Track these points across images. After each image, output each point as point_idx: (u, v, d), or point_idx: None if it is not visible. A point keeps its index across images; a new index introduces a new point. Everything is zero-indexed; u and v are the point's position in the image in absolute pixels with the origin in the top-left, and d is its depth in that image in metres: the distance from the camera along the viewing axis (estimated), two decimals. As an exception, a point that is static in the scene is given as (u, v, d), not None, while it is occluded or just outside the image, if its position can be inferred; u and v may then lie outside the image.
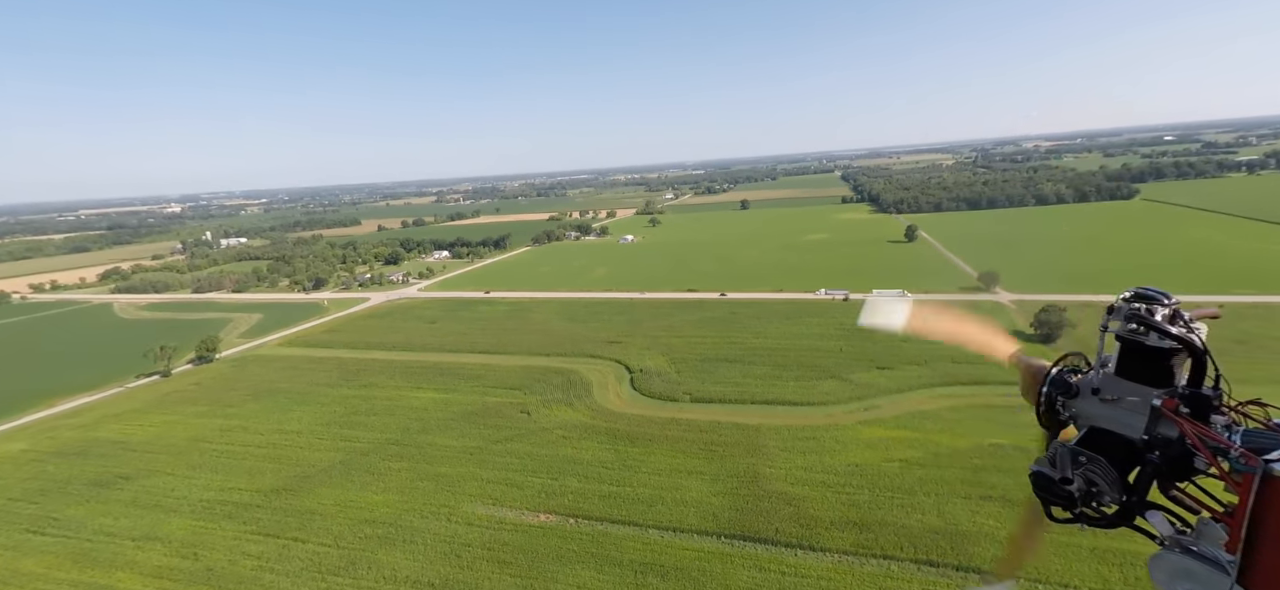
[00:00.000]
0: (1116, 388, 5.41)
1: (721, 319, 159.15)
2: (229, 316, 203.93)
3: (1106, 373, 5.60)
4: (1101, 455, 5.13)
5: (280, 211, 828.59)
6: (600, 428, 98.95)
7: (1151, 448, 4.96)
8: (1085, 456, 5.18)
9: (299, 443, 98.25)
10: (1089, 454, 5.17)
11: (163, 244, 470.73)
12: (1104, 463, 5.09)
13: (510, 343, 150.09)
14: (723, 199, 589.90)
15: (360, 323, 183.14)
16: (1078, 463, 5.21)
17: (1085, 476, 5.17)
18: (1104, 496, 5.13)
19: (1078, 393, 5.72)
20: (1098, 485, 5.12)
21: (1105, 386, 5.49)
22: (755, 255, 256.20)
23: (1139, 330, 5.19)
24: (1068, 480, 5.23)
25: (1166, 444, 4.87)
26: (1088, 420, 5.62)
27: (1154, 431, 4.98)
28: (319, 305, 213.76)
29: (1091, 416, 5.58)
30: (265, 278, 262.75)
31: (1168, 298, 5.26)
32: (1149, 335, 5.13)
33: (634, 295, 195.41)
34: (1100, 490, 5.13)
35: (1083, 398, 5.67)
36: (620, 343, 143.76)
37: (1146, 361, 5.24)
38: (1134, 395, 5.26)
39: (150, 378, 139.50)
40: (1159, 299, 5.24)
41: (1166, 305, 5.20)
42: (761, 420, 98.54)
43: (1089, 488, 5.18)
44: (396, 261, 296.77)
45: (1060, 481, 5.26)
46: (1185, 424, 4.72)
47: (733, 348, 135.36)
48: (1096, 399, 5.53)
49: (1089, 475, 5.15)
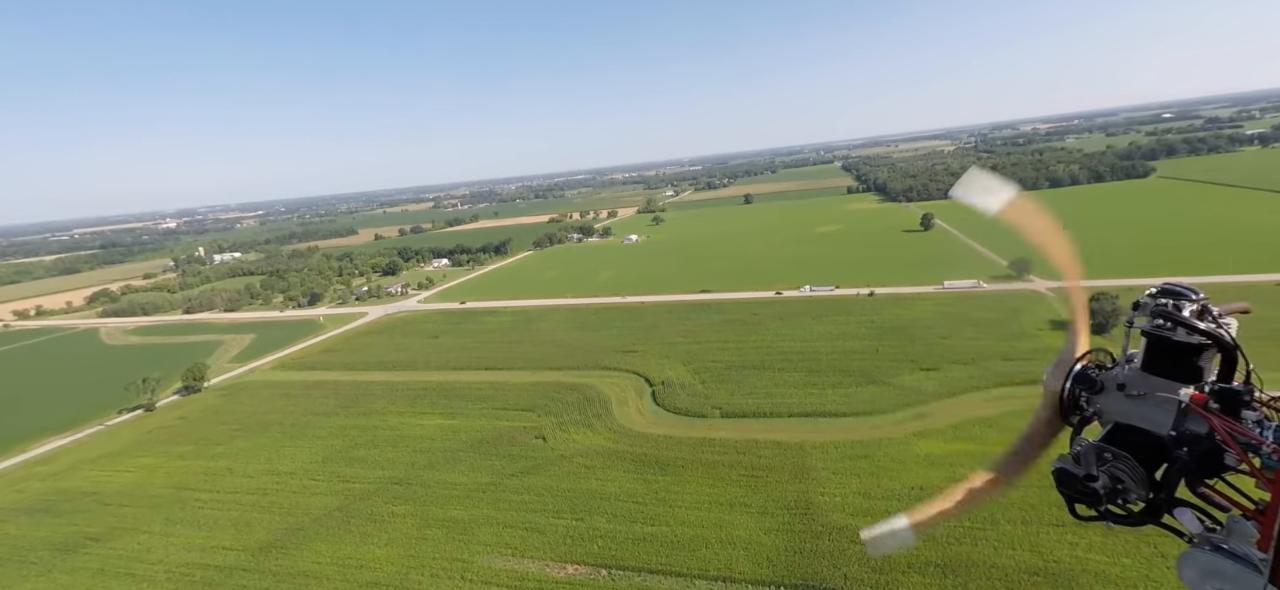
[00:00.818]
0: (1143, 384, 5.26)
1: (742, 321, 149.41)
2: (221, 338, 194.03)
3: (1132, 368, 5.44)
4: (1128, 452, 4.97)
5: (276, 224, 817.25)
6: (625, 453, 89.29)
7: (1180, 444, 4.81)
8: (1111, 453, 5.00)
9: (292, 486, 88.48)
10: (1115, 451, 5.00)
11: (155, 262, 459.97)
12: (1130, 460, 4.92)
13: (519, 357, 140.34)
14: (724, 194, 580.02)
15: (358, 340, 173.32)
16: (1103, 460, 5.02)
17: (1111, 474, 4.95)
18: (1130, 494, 4.94)
19: (1103, 389, 5.56)
20: (1124, 482, 4.92)
21: (1131, 382, 5.34)
22: (765, 250, 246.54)
23: (1166, 326, 5.07)
24: (1093, 477, 4.97)
25: (1195, 440, 4.73)
26: (1113, 416, 5.47)
27: (1182, 428, 4.88)
28: (315, 322, 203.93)
29: (1117, 413, 5.43)
30: (259, 294, 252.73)
31: (1196, 293, 5.14)
32: (1176, 331, 5.02)
33: (645, 299, 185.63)
34: (1126, 488, 4.94)
35: (1108, 394, 5.52)
36: (636, 352, 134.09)
37: (1174, 357, 5.12)
38: (1161, 391, 5.10)
39: (133, 412, 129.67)
40: (1187, 294, 5.13)
41: (1195, 301, 5.09)
42: (803, 436, 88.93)
43: (1115, 485, 4.95)
44: (394, 272, 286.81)
45: (1085, 479, 4.99)
46: (1215, 420, 4.62)
47: (758, 353, 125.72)
48: (1122, 395, 5.38)
49: (1115, 472, 4.94)
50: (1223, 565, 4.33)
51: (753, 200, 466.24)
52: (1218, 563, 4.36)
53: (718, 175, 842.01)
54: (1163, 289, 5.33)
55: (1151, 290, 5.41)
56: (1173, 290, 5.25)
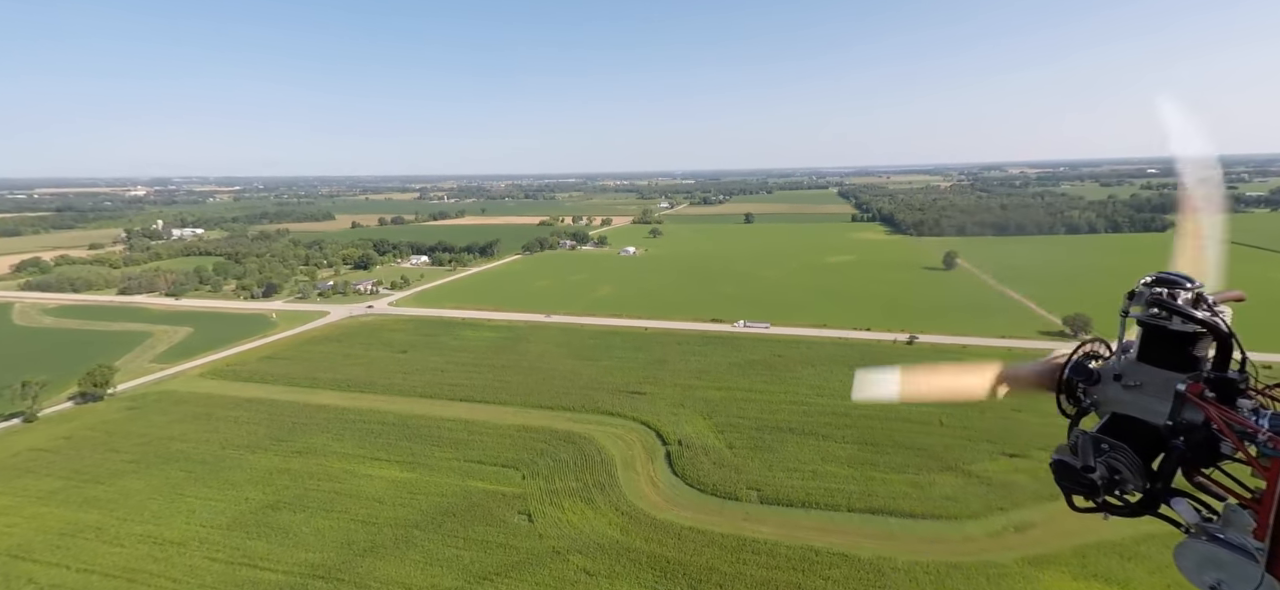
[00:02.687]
0: (1139, 374, 5.21)
1: (765, 363, 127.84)
2: (151, 329, 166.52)
3: (1128, 358, 5.36)
4: (1124, 442, 4.91)
5: (250, 201, 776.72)
6: (639, 553, 66.57)
7: (1176, 433, 4.76)
8: (1108, 444, 4.95)
9: (175, 568, 63.78)
10: (1112, 441, 4.95)
11: (108, 231, 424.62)
12: (1127, 450, 4.87)
13: (502, 386, 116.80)
14: (721, 211, 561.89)
15: (311, 347, 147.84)
16: (1100, 450, 4.97)
17: (1108, 464, 4.92)
18: (1127, 484, 4.91)
19: (1099, 379, 5.47)
20: (1121, 473, 4.89)
21: (1128, 373, 5.29)
22: (777, 276, 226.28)
23: (1161, 315, 5.02)
24: (1090, 468, 4.95)
25: (1192, 429, 4.69)
26: (1110, 407, 5.40)
27: (1178, 417, 4.80)
28: (266, 319, 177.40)
29: (1113, 403, 5.36)
30: (209, 280, 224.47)
31: (1191, 281, 5.09)
32: (1172, 320, 4.96)
33: (649, 323, 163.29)
34: (1124, 478, 4.90)
35: (1104, 384, 5.44)
36: (644, 394, 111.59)
37: (1170, 346, 5.06)
38: (1157, 381, 5.06)
39: (9, 421, 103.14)
40: (1181, 283, 5.07)
41: (1190, 289, 5.03)
42: (875, 547, 67.21)
43: (1112, 476, 4.93)
44: (367, 267, 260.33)
45: (1083, 470, 4.97)
46: (1211, 408, 4.58)
47: (793, 409, 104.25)
48: (1119, 385, 5.33)
49: (1112, 463, 4.90)
50: (1219, 554, 4.30)
51: (753, 220, 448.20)
52: (1215, 552, 4.34)
53: (712, 191, 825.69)
54: (1158, 277, 5.17)
55: (1146, 279, 5.25)
56: (1167, 278, 5.12)
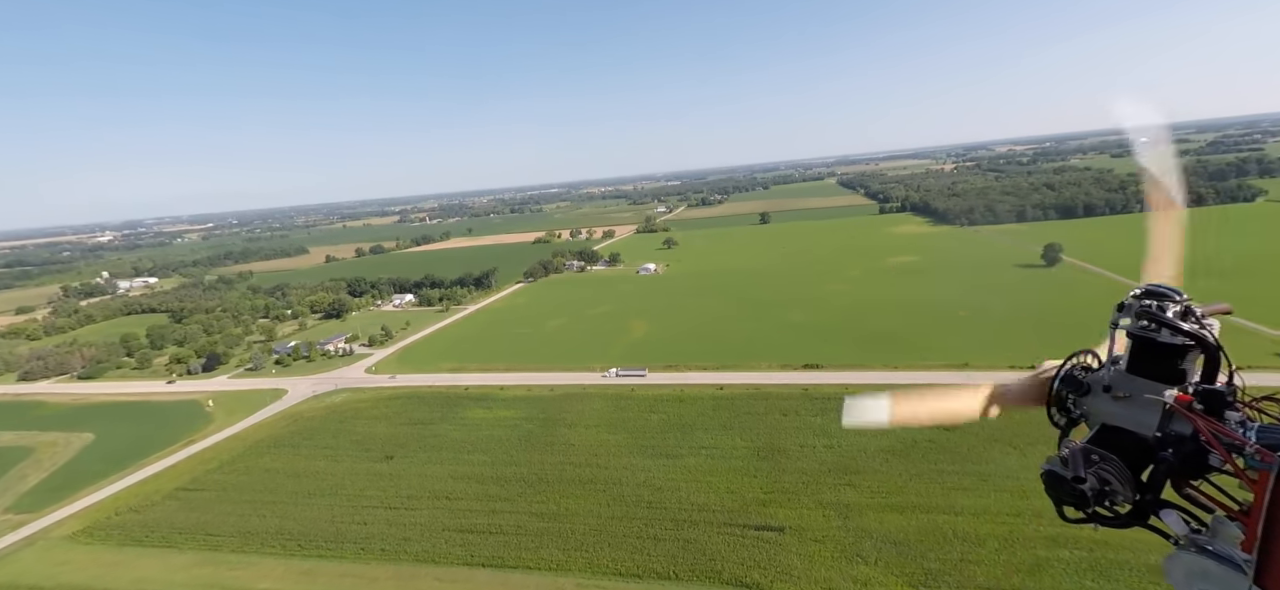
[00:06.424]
0: (1129, 385, 5.28)
1: (933, 440, 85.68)
2: (36, 440, 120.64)
3: (1118, 370, 5.42)
4: (1114, 453, 4.96)
5: (219, 239, 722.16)
6: None
7: (1165, 445, 4.84)
8: (1098, 455, 4.97)
9: None
10: (1101, 453, 4.97)
11: (46, 289, 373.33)
12: (1117, 461, 4.92)
13: (549, 528, 73.50)
14: (724, 212, 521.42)
15: (253, 460, 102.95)
16: (1090, 461, 4.97)
17: (1098, 475, 4.93)
18: (1117, 495, 4.95)
19: (1089, 390, 5.53)
20: (1111, 484, 4.93)
21: (1117, 384, 5.34)
22: (846, 292, 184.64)
23: (1150, 327, 5.09)
24: (1081, 479, 4.93)
25: (1180, 441, 4.75)
26: (1099, 418, 5.47)
27: (1167, 429, 4.91)
28: (199, 408, 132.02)
29: (1103, 414, 5.43)
30: (137, 351, 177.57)
31: (1179, 294, 5.18)
32: (1161, 332, 5.05)
33: (721, 378, 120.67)
34: (1114, 489, 4.94)
35: (1094, 395, 5.50)
36: (781, 530, 69.05)
37: (1159, 358, 5.13)
38: (1147, 392, 5.13)
39: None
40: (1170, 295, 5.16)
41: (1178, 301, 5.12)
42: None
43: (1102, 487, 4.95)
44: (339, 315, 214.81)
45: (1073, 481, 4.96)
46: (1199, 420, 4.65)
47: (1044, 543, 62.33)
48: (1108, 396, 5.38)
49: (1102, 474, 4.92)
50: (1208, 566, 4.34)
51: (769, 220, 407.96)
52: (1203, 564, 4.38)
53: (704, 191, 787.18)
54: (1147, 290, 5.25)
55: (1136, 291, 5.32)
56: (1157, 291, 5.19)
